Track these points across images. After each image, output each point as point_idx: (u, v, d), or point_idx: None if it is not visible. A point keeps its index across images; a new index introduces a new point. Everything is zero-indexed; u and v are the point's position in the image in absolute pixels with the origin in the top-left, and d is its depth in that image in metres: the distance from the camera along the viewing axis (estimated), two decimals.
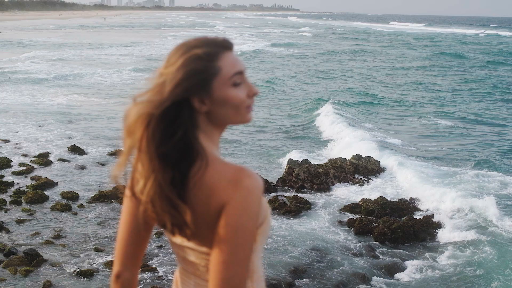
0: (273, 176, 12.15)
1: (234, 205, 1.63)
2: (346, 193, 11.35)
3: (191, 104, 1.67)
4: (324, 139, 15.95)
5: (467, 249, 8.61)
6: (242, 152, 14.25)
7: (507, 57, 46.27)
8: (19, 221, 9.04)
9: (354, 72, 34.29)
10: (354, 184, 11.86)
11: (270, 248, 8.43)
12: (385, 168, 12.78)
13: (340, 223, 9.73)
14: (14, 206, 9.75)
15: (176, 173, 1.64)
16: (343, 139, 15.04)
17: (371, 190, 11.40)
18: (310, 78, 30.79)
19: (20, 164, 12.14)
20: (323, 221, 9.76)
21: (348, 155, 13.06)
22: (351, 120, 17.99)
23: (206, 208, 1.66)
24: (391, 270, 8.02)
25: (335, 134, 15.94)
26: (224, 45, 1.73)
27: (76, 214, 9.56)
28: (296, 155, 13.33)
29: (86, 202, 10.09)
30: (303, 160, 12.38)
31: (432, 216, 9.91)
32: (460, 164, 13.42)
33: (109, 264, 7.65)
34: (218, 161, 1.71)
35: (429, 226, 9.48)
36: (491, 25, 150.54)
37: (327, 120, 17.69)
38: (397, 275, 7.88)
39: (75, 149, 13.35)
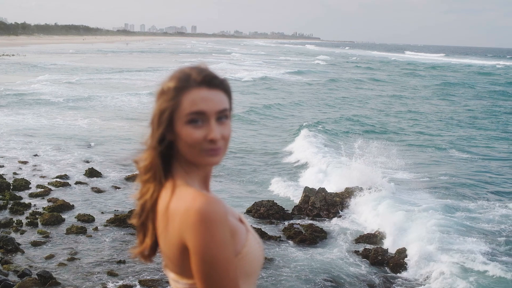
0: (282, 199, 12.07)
1: (197, 238, 1.55)
2: (362, 222, 11.23)
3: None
4: (310, 166, 15.33)
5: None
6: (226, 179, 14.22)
7: None
8: (34, 243, 9.08)
9: (358, 100, 34.03)
10: (369, 214, 11.71)
11: (288, 279, 8.35)
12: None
13: (356, 253, 9.61)
14: (30, 227, 9.80)
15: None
16: (330, 167, 14.77)
17: (388, 220, 11.21)
18: (311, 106, 30.54)
19: (38, 186, 12.24)
20: (339, 251, 9.64)
21: (333, 184, 13.00)
22: (340, 148, 17.62)
23: (169, 237, 1.64)
24: None
25: (326, 161, 15.49)
26: (198, 81, 1.67)
27: (91, 237, 9.57)
28: (282, 182, 13.54)
29: (102, 226, 10.12)
30: (320, 188, 12.28)
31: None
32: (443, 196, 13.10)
33: None
34: (186, 189, 1.66)
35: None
36: (507, 56, 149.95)
37: (313, 148, 17.19)
38: None
39: (93, 172, 13.43)
